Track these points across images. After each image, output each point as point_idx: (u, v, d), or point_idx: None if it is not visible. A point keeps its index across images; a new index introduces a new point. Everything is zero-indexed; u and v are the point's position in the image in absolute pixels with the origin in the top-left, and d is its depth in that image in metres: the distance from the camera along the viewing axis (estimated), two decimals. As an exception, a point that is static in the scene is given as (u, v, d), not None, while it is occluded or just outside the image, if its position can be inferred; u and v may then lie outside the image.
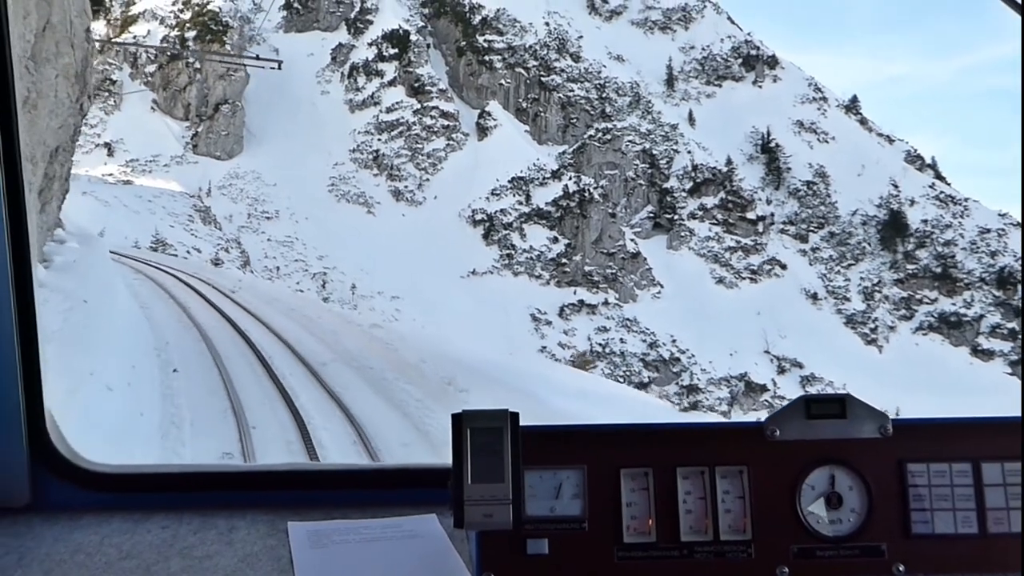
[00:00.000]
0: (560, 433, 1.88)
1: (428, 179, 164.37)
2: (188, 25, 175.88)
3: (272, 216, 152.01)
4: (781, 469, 1.84)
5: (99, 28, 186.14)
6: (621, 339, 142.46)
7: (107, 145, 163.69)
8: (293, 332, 26.01)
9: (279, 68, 58.63)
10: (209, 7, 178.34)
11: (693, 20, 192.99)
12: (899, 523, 1.82)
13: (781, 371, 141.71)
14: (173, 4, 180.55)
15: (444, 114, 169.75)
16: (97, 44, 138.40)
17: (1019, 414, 1.77)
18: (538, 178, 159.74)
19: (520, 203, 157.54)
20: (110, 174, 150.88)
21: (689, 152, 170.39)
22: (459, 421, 1.78)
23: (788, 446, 1.84)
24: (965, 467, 1.84)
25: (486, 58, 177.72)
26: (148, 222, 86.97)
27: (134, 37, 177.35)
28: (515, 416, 1.78)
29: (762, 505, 1.82)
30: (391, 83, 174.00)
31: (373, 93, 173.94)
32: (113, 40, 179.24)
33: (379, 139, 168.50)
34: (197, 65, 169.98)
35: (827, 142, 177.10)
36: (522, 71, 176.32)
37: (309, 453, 13.24)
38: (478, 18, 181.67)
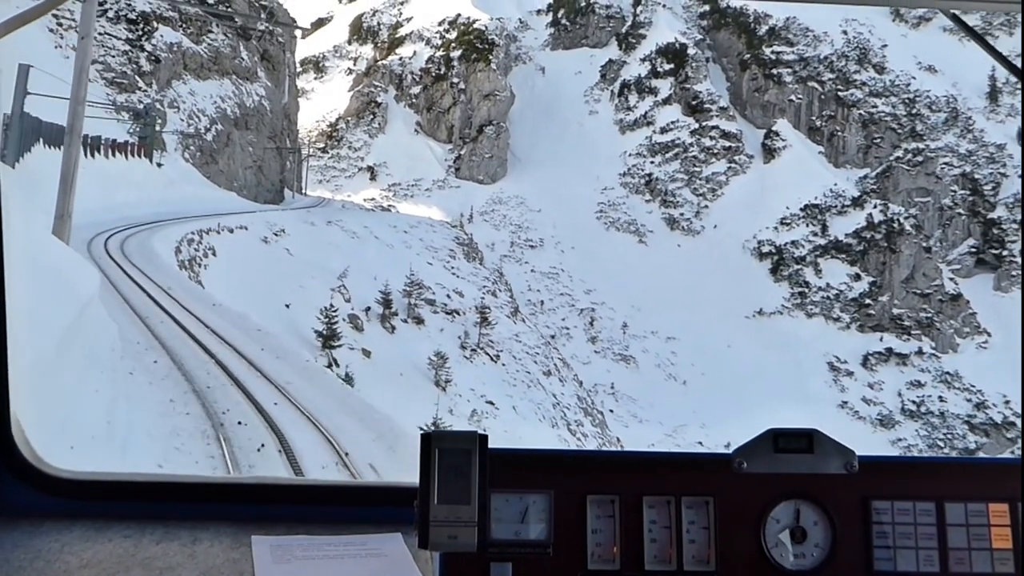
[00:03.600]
0: (528, 457, 1.89)
1: (707, 206, 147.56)
2: (453, 45, 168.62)
3: (536, 245, 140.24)
4: (747, 502, 1.85)
5: (367, 52, 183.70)
6: (940, 396, 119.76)
7: (370, 169, 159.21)
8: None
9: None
10: (475, 26, 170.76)
11: (1020, 24, 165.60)
12: (862, 560, 1.83)
13: None
14: (439, 25, 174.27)
15: (725, 134, 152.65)
16: (364, 66, 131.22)
17: (981, 456, 1.99)
18: (836, 206, 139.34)
19: (815, 234, 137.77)
20: (371, 198, 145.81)
21: (1021, 176, 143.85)
22: (428, 441, 1.79)
23: (755, 479, 1.84)
24: (929, 506, 1.85)
25: (774, 72, 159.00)
26: (403, 258, 75.33)
27: (400, 59, 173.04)
28: (483, 439, 1.80)
29: (727, 537, 1.83)
30: (666, 101, 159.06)
31: (646, 112, 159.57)
32: (379, 63, 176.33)
33: (652, 162, 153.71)
34: (462, 86, 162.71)
35: None
36: (816, 85, 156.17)
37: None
38: (764, 28, 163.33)
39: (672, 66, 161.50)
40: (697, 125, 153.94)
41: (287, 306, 51.77)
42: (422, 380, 55.17)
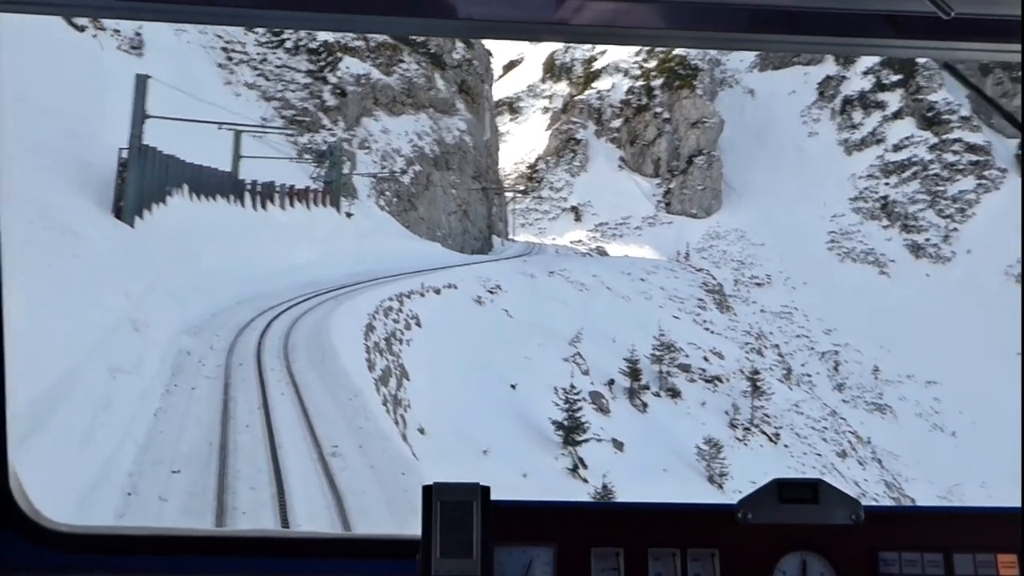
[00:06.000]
0: (531, 510, 1.88)
1: (956, 229, 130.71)
2: (653, 73, 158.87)
3: (763, 282, 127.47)
4: (753, 553, 1.83)
5: (561, 89, 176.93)
6: None
7: (574, 209, 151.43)
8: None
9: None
10: (675, 52, 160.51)
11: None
12: None
13: None
14: (636, 54, 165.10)
15: (970, 147, 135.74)
16: (560, 104, 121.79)
17: (988, 506, 2.02)
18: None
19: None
20: (579, 241, 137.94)
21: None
22: (429, 494, 1.78)
23: (760, 530, 1.83)
24: (937, 557, 1.82)
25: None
26: (643, 313, 64.76)
27: (598, 93, 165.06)
28: (486, 490, 1.78)
29: None
30: (896, 115, 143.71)
31: (874, 129, 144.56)
32: (576, 99, 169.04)
33: (887, 183, 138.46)
34: (666, 115, 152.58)
35: None
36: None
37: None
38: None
39: (900, 76, 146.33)
40: (936, 139, 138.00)
41: (513, 387, 42.23)
42: (692, 475, 44.35)
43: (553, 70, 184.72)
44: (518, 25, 1.79)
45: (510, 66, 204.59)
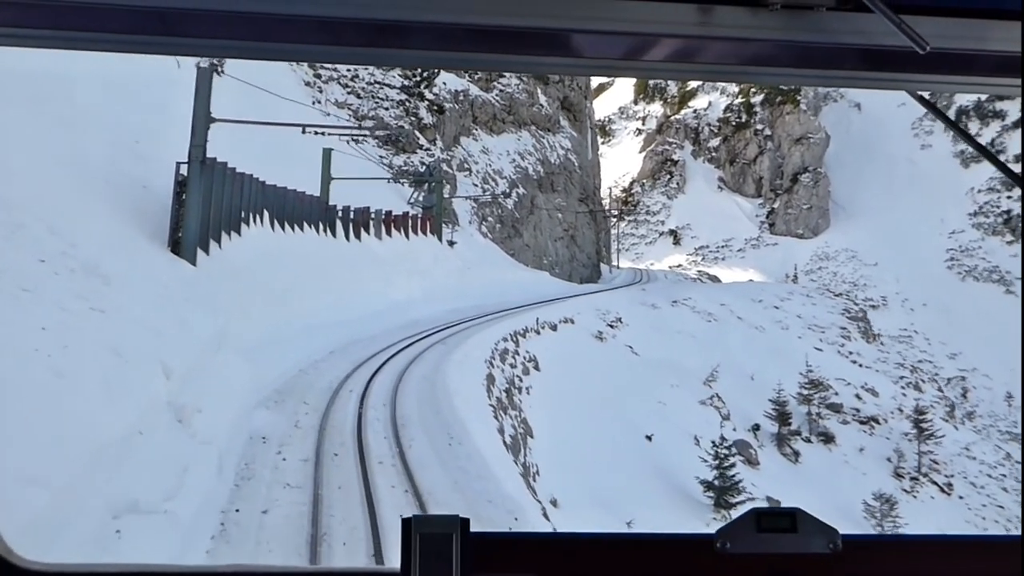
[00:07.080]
0: (511, 541, 1.86)
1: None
2: (754, 90, 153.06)
3: (878, 304, 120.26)
4: None
5: (655, 110, 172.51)
6: None
7: (672, 232, 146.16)
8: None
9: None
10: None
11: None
12: None
13: None
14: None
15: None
16: (654, 125, 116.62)
17: (969, 534, 1.97)
18: None
19: None
20: (679, 265, 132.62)
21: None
22: (408, 526, 1.74)
23: (739, 559, 1.81)
24: None
25: None
26: (782, 345, 59.26)
27: (694, 112, 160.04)
28: (465, 522, 1.74)
29: None
30: (1016, 124, 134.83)
31: (993, 139, 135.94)
32: (671, 119, 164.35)
33: (1009, 196, 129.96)
34: (767, 132, 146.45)
35: None
36: None
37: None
38: None
39: (1019, 82, 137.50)
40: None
41: (648, 438, 37.63)
42: (860, 540, 38.75)
43: (646, 91, 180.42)
44: (600, 62, 1.72)
45: (599, 89, 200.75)
